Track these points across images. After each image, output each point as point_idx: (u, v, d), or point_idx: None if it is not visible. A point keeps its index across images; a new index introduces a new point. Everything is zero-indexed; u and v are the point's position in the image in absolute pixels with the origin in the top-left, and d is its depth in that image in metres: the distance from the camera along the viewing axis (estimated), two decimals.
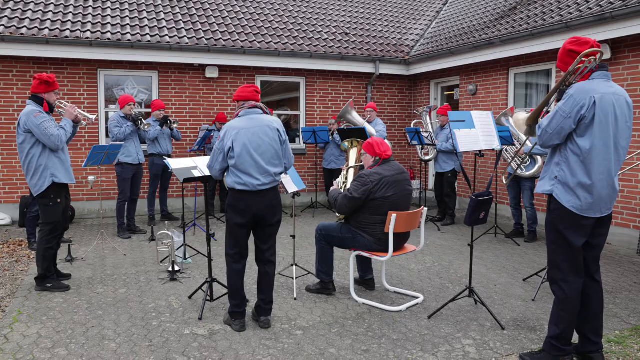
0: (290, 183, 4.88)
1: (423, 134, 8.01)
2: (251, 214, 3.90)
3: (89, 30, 8.40)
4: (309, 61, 9.70)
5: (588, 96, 3.05)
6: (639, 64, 6.56)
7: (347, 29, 11.17)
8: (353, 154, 5.12)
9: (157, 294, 4.86)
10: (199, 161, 4.88)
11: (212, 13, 10.22)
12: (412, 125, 8.73)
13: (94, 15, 8.98)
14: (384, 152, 4.49)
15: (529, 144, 6.45)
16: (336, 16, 11.69)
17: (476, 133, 4.68)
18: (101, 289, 4.98)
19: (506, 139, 6.64)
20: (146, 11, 9.64)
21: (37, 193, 4.82)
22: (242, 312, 4.04)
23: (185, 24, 9.49)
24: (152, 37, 8.70)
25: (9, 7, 8.50)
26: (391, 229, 4.29)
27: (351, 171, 5.03)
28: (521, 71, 8.58)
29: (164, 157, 7.22)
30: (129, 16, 9.26)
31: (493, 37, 8.35)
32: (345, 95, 10.56)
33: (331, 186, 4.94)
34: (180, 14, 9.86)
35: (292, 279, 5.03)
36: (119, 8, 9.50)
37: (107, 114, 8.94)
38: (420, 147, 8.56)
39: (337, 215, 4.82)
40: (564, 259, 3.25)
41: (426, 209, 4.76)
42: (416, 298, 4.71)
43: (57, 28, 8.22)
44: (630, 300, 4.73)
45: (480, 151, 5.22)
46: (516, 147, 6.88)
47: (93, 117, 5.35)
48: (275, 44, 9.59)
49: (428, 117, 8.82)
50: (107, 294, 4.86)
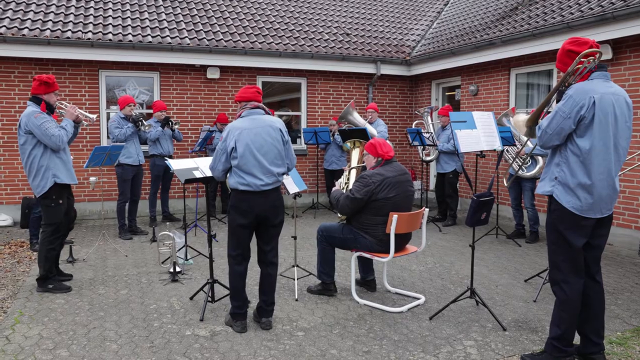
0: (292, 184, 4.88)
1: (424, 134, 8.01)
2: (254, 215, 3.90)
3: (90, 31, 8.41)
4: (310, 62, 9.71)
5: (587, 96, 3.05)
6: None
7: (348, 29, 11.17)
8: (355, 154, 5.12)
9: (158, 295, 4.86)
10: (200, 162, 4.88)
11: (213, 14, 10.23)
12: (414, 126, 8.72)
13: (95, 16, 9.00)
14: (386, 152, 4.49)
15: (530, 144, 6.45)
16: (337, 17, 11.69)
17: (477, 133, 4.68)
18: (102, 290, 4.99)
19: (507, 139, 6.63)
20: (147, 12, 9.65)
21: (39, 194, 4.84)
22: (244, 313, 4.04)
23: (186, 24, 9.49)
24: (153, 37, 8.71)
25: (11, 8, 8.52)
26: (392, 230, 4.29)
27: (353, 172, 5.02)
28: (522, 71, 8.57)
29: (165, 158, 7.22)
30: (130, 17, 9.27)
31: (494, 38, 8.35)
32: (347, 95, 10.56)
33: (332, 187, 4.94)
34: (182, 14, 9.86)
35: (294, 280, 5.03)
36: (120, 9, 9.51)
37: (108, 114, 8.94)
38: (422, 147, 8.55)
39: (338, 216, 4.82)
40: (564, 260, 3.25)
41: (427, 209, 4.76)
42: (417, 299, 4.70)
43: (59, 29, 8.23)
44: (631, 301, 4.72)
45: (481, 152, 5.21)
46: (517, 148, 6.88)
47: (94, 116, 5.35)
48: (277, 44, 9.60)
49: (429, 117, 8.81)
50: (109, 295, 4.87)
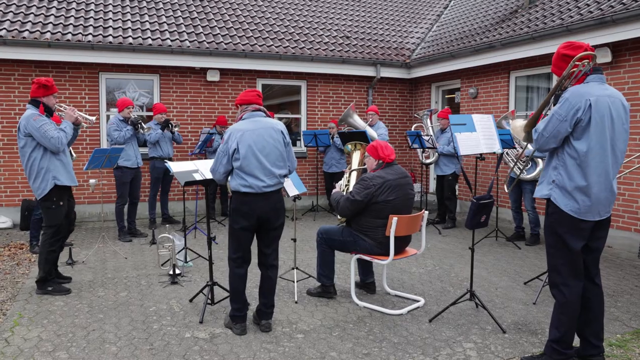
0: (291, 186, 4.88)
1: (424, 137, 8.01)
2: (255, 217, 3.89)
3: (90, 33, 8.43)
4: (310, 64, 9.72)
5: (583, 99, 3.06)
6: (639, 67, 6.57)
7: (348, 32, 11.19)
8: (356, 156, 5.13)
9: (158, 297, 4.86)
10: (200, 164, 4.88)
11: (213, 16, 10.25)
12: (413, 129, 8.72)
13: (95, 19, 9.01)
14: (387, 155, 4.49)
15: (530, 147, 6.44)
16: (337, 19, 11.72)
17: (477, 136, 4.68)
18: (102, 292, 4.99)
19: (507, 142, 6.63)
20: (148, 15, 9.66)
21: (39, 196, 4.84)
22: (243, 316, 4.03)
23: (186, 27, 9.51)
24: (153, 40, 8.72)
25: (11, 10, 8.53)
26: (392, 233, 4.29)
27: (354, 174, 5.03)
28: (522, 74, 8.58)
29: (165, 161, 7.21)
30: (130, 19, 9.28)
31: (494, 41, 8.36)
32: (346, 98, 10.57)
33: (332, 189, 4.94)
34: (182, 17, 9.88)
35: (293, 282, 5.03)
36: (120, 12, 9.53)
37: (108, 117, 8.95)
38: (421, 150, 8.56)
39: (338, 218, 4.82)
40: (563, 263, 3.24)
41: (427, 212, 4.76)
42: (417, 301, 4.70)
43: (59, 31, 8.24)
44: (631, 303, 4.72)
45: (481, 154, 5.22)
46: (517, 150, 6.88)
47: (93, 118, 5.36)
48: (277, 47, 9.61)
49: (429, 120, 8.82)
50: (108, 297, 4.86)
